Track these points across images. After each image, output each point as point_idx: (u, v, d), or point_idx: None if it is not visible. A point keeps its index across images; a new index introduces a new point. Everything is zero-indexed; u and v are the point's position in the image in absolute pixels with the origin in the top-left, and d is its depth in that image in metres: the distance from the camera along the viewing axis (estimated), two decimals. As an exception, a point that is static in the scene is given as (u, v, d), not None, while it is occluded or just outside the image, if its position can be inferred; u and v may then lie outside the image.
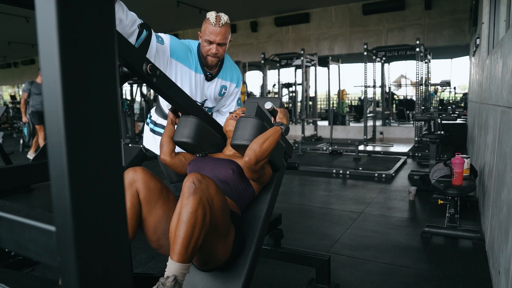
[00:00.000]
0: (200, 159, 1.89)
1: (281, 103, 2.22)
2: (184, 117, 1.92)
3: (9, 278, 1.12)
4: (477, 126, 4.63)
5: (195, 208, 1.39)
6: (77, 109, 0.39)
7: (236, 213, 1.73)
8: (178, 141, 1.90)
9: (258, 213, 1.88)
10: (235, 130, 1.78)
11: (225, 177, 1.76)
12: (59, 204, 0.39)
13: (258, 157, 1.66)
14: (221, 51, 2.17)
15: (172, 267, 1.39)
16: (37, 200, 4.49)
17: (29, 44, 14.59)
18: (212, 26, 2.10)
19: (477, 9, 5.78)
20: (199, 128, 1.89)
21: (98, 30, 0.40)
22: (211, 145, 2.02)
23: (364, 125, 8.97)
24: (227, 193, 1.75)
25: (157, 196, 1.63)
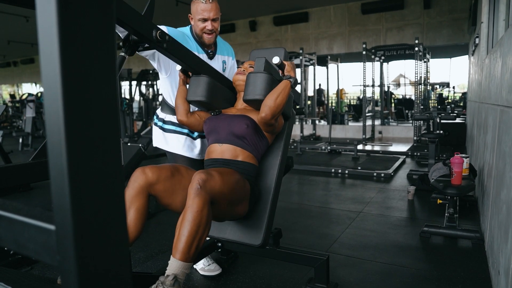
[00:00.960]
0: (215, 117, 2.03)
1: (285, 53, 2.29)
2: (195, 77, 2.04)
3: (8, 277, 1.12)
4: (476, 126, 4.63)
5: (200, 208, 1.46)
6: (77, 108, 0.39)
7: (253, 164, 1.95)
8: (192, 100, 2.03)
9: (273, 160, 2.11)
10: (246, 85, 1.95)
11: (240, 132, 1.92)
12: (59, 203, 0.39)
13: (273, 112, 1.85)
14: (216, 26, 2.24)
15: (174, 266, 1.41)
16: (36, 198, 4.49)
17: (29, 43, 14.58)
18: (203, 4, 2.16)
19: (476, 9, 5.79)
20: (210, 85, 2.01)
21: (98, 29, 0.40)
22: (223, 100, 2.16)
23: (363, 124, 8.98)
24: (244, 146, 1.92)
25: (173, 183, 1.73)
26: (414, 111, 8.93)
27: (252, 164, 1.94)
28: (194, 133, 2.37)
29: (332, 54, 11.13)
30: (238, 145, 1.92)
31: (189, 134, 2.35)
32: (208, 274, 2.49)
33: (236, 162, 1.91)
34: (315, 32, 11.51)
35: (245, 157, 1.93)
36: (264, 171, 2.09)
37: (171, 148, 2.35)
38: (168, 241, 3.08)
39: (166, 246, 2.99)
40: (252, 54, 2.44)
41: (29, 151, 8.56)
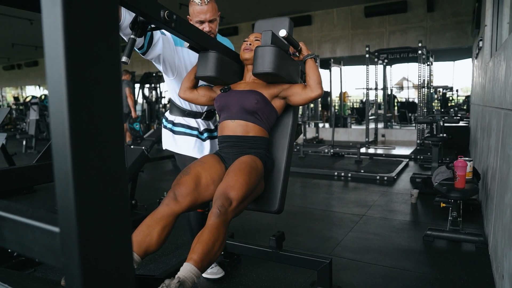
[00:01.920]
0: (225, 94, 2.11)
1: (290, 23, 2.32)
2: (203, 53, 2.06)
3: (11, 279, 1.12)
4: (480, 129, 4.62)
5: (220, 227, 1.57)
6: (82, 110, 0.39)
7: (264, 137, 2.06)
8: (202, 76, 2.07)
9: (284, 129, 2.21)
10: (255, 59, 2.00)
11: (251, 107, 2.00)
12: (63, 205, 0.39)
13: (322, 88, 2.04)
14: (214, 27, 2.25)
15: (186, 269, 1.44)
16: (40, 201, 4.50)
17: (33, 46, 14.63)
18: (198, 5, 2.16)
19: (480, 12, 5.78)
20: (218, 61, 2.05)
21: (103, 33, 0.41)
22: (232, 74, 2.22)
23: (366, 127, 8.96)
24: (255, 121, 2.02)
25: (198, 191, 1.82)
26: (417, 114, 8.91)
27: (264, 138, 2.05)
28: (203, 135, 2.39)
29: (335, 57, 11.13)
30: (249, 120, 2.01)
31: (199, 136, 2.36)
32: (211, 277, 2.49)
33: (248, 138, 2.01)
34: (318, 35, 11.52)
35: (256, 132, 2.02)
36: (276, 141, 2.19)
37: (180, 150, 2.35)
38: (172, 244, 3.08)
39: (169, 249, 2.99)
40: (257, 25, 2.44)
41: (32, 154, 8.59)
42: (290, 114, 2.21)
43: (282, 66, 2.00)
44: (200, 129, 2.38)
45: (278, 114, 2.14)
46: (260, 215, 3.61)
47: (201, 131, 2.38)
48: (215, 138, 2.47)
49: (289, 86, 2.09)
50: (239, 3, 10.10)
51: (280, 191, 2.09)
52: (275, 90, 2.08)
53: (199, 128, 2.37)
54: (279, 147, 2.17)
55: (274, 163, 2.14)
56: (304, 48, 2.15)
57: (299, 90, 2.06)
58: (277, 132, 2.21)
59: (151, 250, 1.63)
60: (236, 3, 9.98)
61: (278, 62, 1.97)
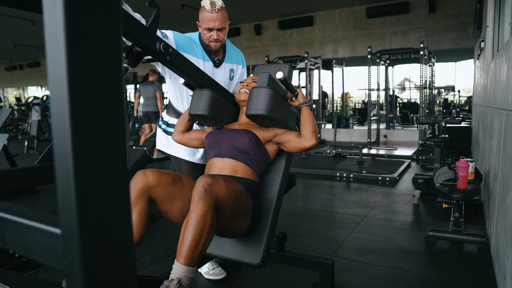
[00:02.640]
0: (217, 131, 2.02)
1: (289, 69, 2.27)
2: (198, 91, 2.01)
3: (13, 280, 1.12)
4: (481, 130, 4.61)
5: (204, 213, 1.44)
6: (83, 111, 0.39)
7: (254, 181, 1.90)
8: (194, 114, 2.00)
9: (275, 176, 2.06)
10: (249, 100, 1.92)
11: (243, 147, 1.89)
12: (65, 207, 0.39)
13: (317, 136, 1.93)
14: (222, 36, 2.21)
15: (178, 270, 1.40)
16: (41, 202, 4.50)
17: (35, 47, 14.64)
18: (208, 13, 2.14)
19: (482, 13, 5.77)
20: (213, 100, 1.99)
21: (105, 33, 0.41)
22: (226, 115, 2.13)
23: (368, 128, 8.95)
24: (246, 161, 1.89)
25: (173, 190, 1.71)
26: (419, 115, 8.90)
27: (253, 181, 1.90)
28: None
29: (337, 58, 11.12)
30: (239, 159, 1.89)
31: None
32: (212, 278, 2.49)
33: (235, 178, 1.84)
34: (320, 36, 11.51)
35: (245, 173, 1.88)
36: (265, 188, 2.04)
37: (173, 151, 2.35)
38: (173, 244, 3.08)
39: (171, 250, 2.99)
40: (256, 69, 2.42)
41: (34, 154, 8.60)
42: (282, 161, 2.08)
43: (277, 109, 1.91)
44: None
45: (271, 159, 2.01)
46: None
47: None
48: None
49: (283, 131, 1.98)
50: (242, 4, 10.10)
51: (264, 243, 1.91)
52: (269, 134, 1.98)
53: None
54: (268, 195, 2.01)
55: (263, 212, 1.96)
56: (301, 95, 2.05)
57: (293, 137, 1.94)
58: (267, 178, 2.06)
59: (135, 239, 1.59)
60: (238, 4, 9.98)
61: (273, 105, 1.89)
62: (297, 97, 2.05)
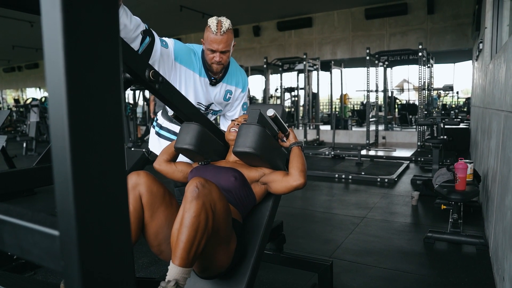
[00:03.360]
0: (202, 167, 1.91)
1: (283, 110, 2.18)
2: (186, 124, 1.90)
3: (11, 282, 1.12)
4: (480, 131, 4.62)
5: (198, 213, 1.40)
6: (82, 113, 0.39)
7: (238, 221, 1.75)
8: (180, 147, 1.88)
9: (259, 220, 1.90)
10: (238, 137, 1.80)
11: (227, 185, 1.77)
12: (63, 209, 0.39)
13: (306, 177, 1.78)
14: (225, 58, 2.16)
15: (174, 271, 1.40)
16: (40, 203, 4.50)
17: (33, 48, 14.66)
18: (213, 34, 2.08)
19: (480, 14, 5.79)
20: (201, 135, 1.88)
21: (103, 35, 0.41)
22: (214, 152, 2.01)
23: (367, 129, 8.96)
24: (230, 200, 1.75)
25: (160, 201, 1.63)
26: (418, 116, 8.91)
27: (236, 220, 1.76)
28: None
29: (335, 59, 11.14)
30: None
31: None
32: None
33: None
34: (318, 37, 11.53)
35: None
36: (248, 231, 1.89)
37: None
38: (171, 246, 3.08)
39: (169, 251, 2.99)
40: (249, 108, 2.33)
41: (33, 156, 8.59)
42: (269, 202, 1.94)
43: (265, 148, 1.80)
44: None
45: (257, 200, 1.88)
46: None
47: None
48: None
49: (271, 172, 1.85)
50: (240, 5, 10.12)
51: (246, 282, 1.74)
52: (256, 174, 1.86)
53: None
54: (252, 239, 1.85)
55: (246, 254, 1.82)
56: (293, 135, 1.95)
57: (280, 177, 1.80)
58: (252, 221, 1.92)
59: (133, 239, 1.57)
60: (237, 5, 10.00)
61: (262, 143, 1.78)
62: (288, 137, 1.96)
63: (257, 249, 1.80)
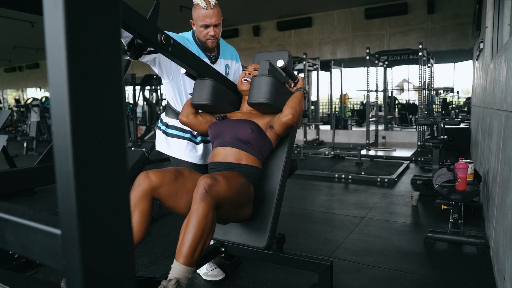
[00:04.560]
0: (220, 122, 2.06)
1: (289, 56, 2.28)
2: (199, 80, 2.04)
3: (12, 281, 1.12)
4: (481, 131, 4.62)
5: (205, 213, 1.47)
6: (83, 113, 0.39)
7: (257, 167, 1.96)
8: (197, 103, 2.04)
9: (277, 163, 2.12)
10: (251, 88, 1.97)
11: (245, 137, 1.94)
12: (65, 208, 0.39)
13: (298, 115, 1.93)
14: (218, 32, 2.23)
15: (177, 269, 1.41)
16: (41, 203, 4.50)
17: (34, 48, 14.65)
18: (204, 10, 2.15)
19: (481, 13, 5.79)
20: (215, 89, 2.03)
21: (105, 35, 0.41)
22: (228, 103, 2.17)
23: (367, 129, 8.96)
24: (249, 150, 1.94)
25: (177, 186, 1.73)
26: (418, 116, 8.90)
27: (256, 167, 1.96)
28: (197, 138, 2.37)
29: (335, 59, 11.13)
30: (242, 148, 1.94)
31: (192, 139, 2.35)
32: (211, 279, 2.49)
33: (239, 165, 1.92)
34: (318, 37, 11.53)
35: (249, 161, 1.94)
36: (268, 174, 2.11)
37: (173, 152, 2.35)
38: (172, 245, 3.08)
39: (169, 251, 2.99)
40: (256, 57, 2.44)
41: (33, 156, 8.60)
42: (285, 147, 2.14)
43: (278, 97, 1.95)
44: (193, 132, 2.36)
45: (273, 145, 2.05)
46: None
47: (195, 134, 2.36)
48: (209, 142, 2.44)
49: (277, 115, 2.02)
50: (240, 5, 10.12)
51: (269, 226, 1.99)
52: (269, 120, 2.02)
53: (192, 132, 2.36)
54: (272, 181, 2.08)
55: (266, 197, 2.05)
56: (301, 82, 2.09)
57: (277, 117, 1.98)
58: (270, 164, 2.13)
59: (136, 240, 1.61)
60: (237, 5, 9.99)
61: (274, 92, 1.94)
62: (296, 84, 2.10)
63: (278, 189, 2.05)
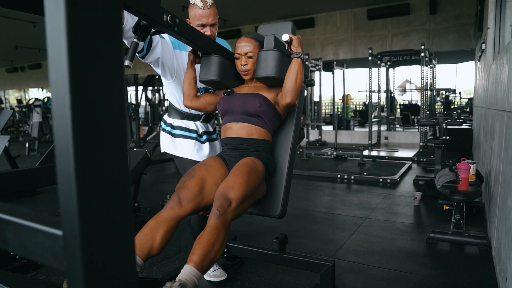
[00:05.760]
0: (228, 97, 2.09)
1: (293, 27, 2.27)
2: (206, 57, 2.08)
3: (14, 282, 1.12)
4: (483, 131, 4.61)
5: (219, 228, 1.57)
6: (85, 113, 0.39)
7: (267, 140, 2.04)
8: (205, 80, 2.08)
9: (287, 133, 2.19)
10: (258, 63, 2.02)
11: (254, 111, 1.99)
12: (66, 208, 0.39)
13: (297, 94, 1.96)
14: (214, 31, 2.25)
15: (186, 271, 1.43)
16: (43, 203, 4.51)
17: (36, 49, 14.69)
18: (201, 9, 2.15)
19: (483, 14, 5.77)
20: (221, 65, 2.07)
21: (106, 35, 0.41)
22: (235, 78, 2.21)
23: (369, 130, 8.95)
24: (259, 123, 2.00)
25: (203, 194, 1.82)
26: (420, 116, 8.89)
27: (266, 140, 2.03)
28: (202, 137, 2.38)
29: (338, 60, 11.13)
30: (253, 122, 2.00)
31: (198, 138, 2.36)
32: (214, 280, 2.49)
33: (250, 140, 1.99)
34: (321, 37, 11.53)
35: (259, 135, 2.01)
36: (279, 144, 2.18)
37: (179, 152, 2.35)
38: (174, 246, 3.08)
39: (171, 252, 2.99)
40: (259, 29, 2.42)
41: (35, 156, 8.61)
42: (293, 118, 2.19)
43: (284, 70, 2.00)
44: (199, 132, 2.37)
45: (282, 117, 2.11)
46: (263, 218, 3.60)
47: (200, 133, 2.37)
48: (214, 140, 2.46)
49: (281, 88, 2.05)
50: (242, 6, 10.13)
51: (282, 195, 2.07)
52: (277, 93, 2.06)
53: (198, 131, 2.36)
54: (282, 151, 2.16)
55: (277, 167, 2.12)
56: (296, 44, 1.96)
57: (280, 94, 2.02)
58: (280, 135, 2.20)
59: (153, 253, 1.63)
60: (239, 6, 10.00)
61: (280, 66, 1.98)
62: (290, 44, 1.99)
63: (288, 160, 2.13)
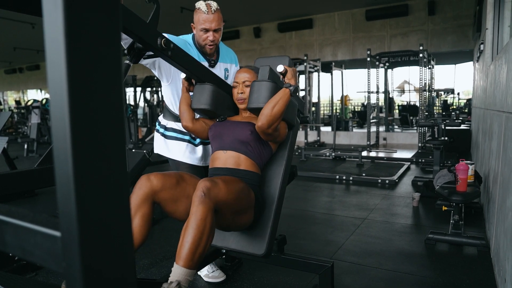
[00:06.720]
0: (220, 123, 2.05)
1: (289, 61, 2.26)
2: (199, 85, 2.04)
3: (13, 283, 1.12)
4: (481, 132, 4.61)
5: (204, 216, 1.47)
6: (83, 114, 0.39)
7: (256, 173, 1.94)
8: (197, 108, 2.05)
9: (277, 168, 2.10)
10: (251, 93, 1.97)
11: (244, 138, 1.92)
12: (65, 210, 0.39)
13: (269, 121, 1.82)
14: (218, 37, 2.23)
15: (177, 272, 1.41)
16: (41, 205, 4.50)
17: (34, 50, 14.67)
18: (205, 14, 2.16)
19: (481, 15, 5.79)
20: (214, 94, 2.03)
21: (105, 37, 0.41)
22: (228, 108, 2.17)
23: (368, 130, 8.96)
24: (248, 153, 1.92)
25: (178, 191, 1.73)
26: (419, 117, 8.91)
27: (255, 173, 1.94)
28: (196, 140, 2.36)
29: (336, 61, 11.14)
30: (242, 152, 1.92)
31: (191, 141, 2.35)
32: (212, 281, 2.48)
33: (238, 171, 1.91)
34: (319, 38, 11.53)
35: (247, 166, 1.92)
36: (268, 180, 2.09)
37: (172, 154, 2.35)
38: (173, 247, 3.08)
39: (170, 253, 2.99)
40: (256, 62, 2.44)
41: (34, 157, 8.59)
42: (284, 153, 2.13)
43: None
44: (192, 134, 2.36)
45: (273, 151, 2.05)
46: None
47: (194, 136, 2.36)
48: (208, 144, 2.42)
49: None
50: (241, 7, 10.12)
51: (269, 233, 1.97)
52: None
53: (191, 134, 2.36)
54: (271, 187, 2.06)
55: (265, 202, 2.03)
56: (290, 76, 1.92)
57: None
58: (270, 170, 2.11)
59: (137, 243, 1.61)
60: (238, 7, 10.00)
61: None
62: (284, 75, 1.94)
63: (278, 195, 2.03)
